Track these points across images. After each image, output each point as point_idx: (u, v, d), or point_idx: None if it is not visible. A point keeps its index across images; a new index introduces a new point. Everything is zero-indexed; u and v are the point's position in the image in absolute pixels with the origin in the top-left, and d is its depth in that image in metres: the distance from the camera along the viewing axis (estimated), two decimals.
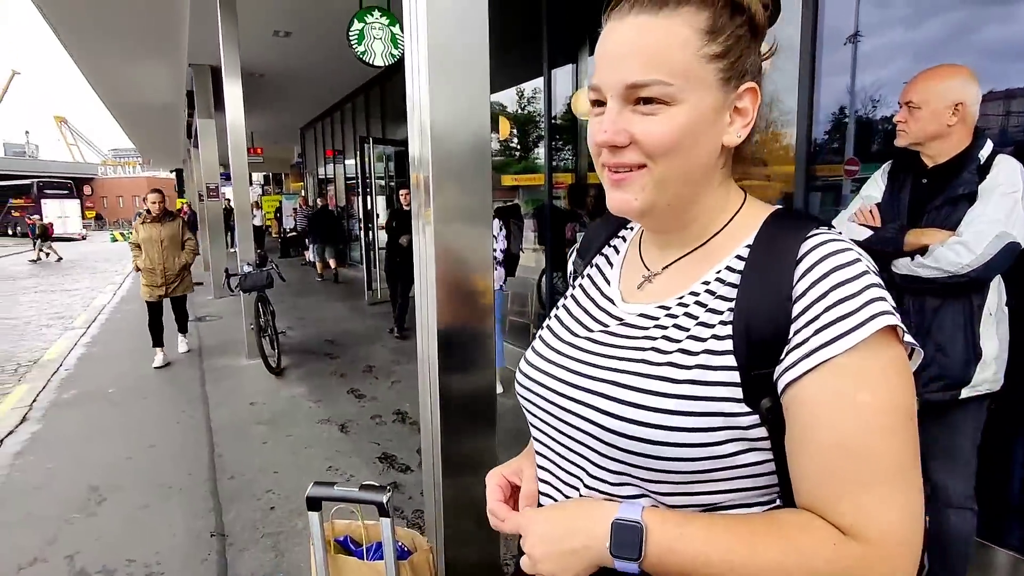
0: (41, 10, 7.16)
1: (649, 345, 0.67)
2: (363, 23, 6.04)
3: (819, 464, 0.58)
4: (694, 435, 0.60)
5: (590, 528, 0.63)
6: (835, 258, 0.60)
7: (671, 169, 0.64)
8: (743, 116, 0.67)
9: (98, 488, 3.40)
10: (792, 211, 0.72)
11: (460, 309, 1.45)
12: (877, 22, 2.87)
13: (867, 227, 1.95)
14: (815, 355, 0.58)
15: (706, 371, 0.62)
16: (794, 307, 0.60)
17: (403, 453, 3.74)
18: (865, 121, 2.97)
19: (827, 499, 0.58)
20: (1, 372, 6.15)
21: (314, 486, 1.09)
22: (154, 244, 5.78)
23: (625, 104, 0.64)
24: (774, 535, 0.58)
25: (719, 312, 0.64)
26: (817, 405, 0.58)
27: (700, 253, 0.71)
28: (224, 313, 8.66)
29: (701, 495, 0.64)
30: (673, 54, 0.62)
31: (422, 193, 1.42)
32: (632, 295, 0.75)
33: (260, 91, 10.93)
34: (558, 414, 0.71)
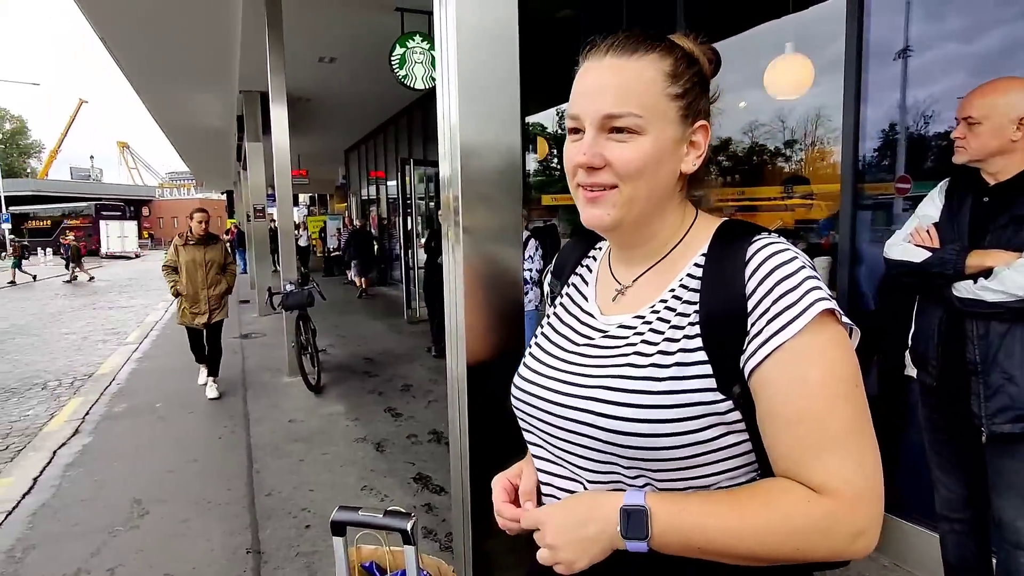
0: (105, 43, 7.60)
1: (631, 351, 0.75)
2: (405, 48, 6.20)
3: (785, 435, 0.68)
4: (680, 424, 0.69)
5: (602, 515, 0.71)
6: (776, 258, 0.70)
7: (638, 189, 0.75)
8: (696, 148, 0.78)
9: (141, 501, 3.48)
10: (737, 222, 0.80)
11: (489, 329, 1.43)
12: (929, 36, 2.77)
13: (924, 248, 1.85)
14: (769, 342, 0.68)
15: (683, 367, 0.71)
16: (748, 303, 0.70)
17: (438, 474, 3.72)
18: (917, 138, 2.86)
19: (796, 464, 0.68)
20: (58, 385, 6.42)
21: (339, 511, 1.07)
22: (198, 268, 5.41)
23: (600, 132, 0.75)
24: (758, 500, 0.68)
25: (687, 315, 0.74)
26: (777, 385, 0.68)
27: (663, 265, 0.81)
28: (268, 331, 8.87)
29: (690, 480, 0.72)
30: (642, 91, 0.73)
31: (452, 213, 1.41)
32: (609, 308, 0.84)
33: (306, 115, 11.29)
34: (555, 421, 0.78)
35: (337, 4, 6.18)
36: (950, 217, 1.87)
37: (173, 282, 5.44)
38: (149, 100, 11.09)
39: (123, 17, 6.74)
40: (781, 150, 3.69)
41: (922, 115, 2.84)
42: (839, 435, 0.66)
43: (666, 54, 0.76)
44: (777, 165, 3.74)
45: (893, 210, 2.94)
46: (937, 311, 1.84)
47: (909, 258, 1.86)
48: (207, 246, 5.49)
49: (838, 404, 0.67)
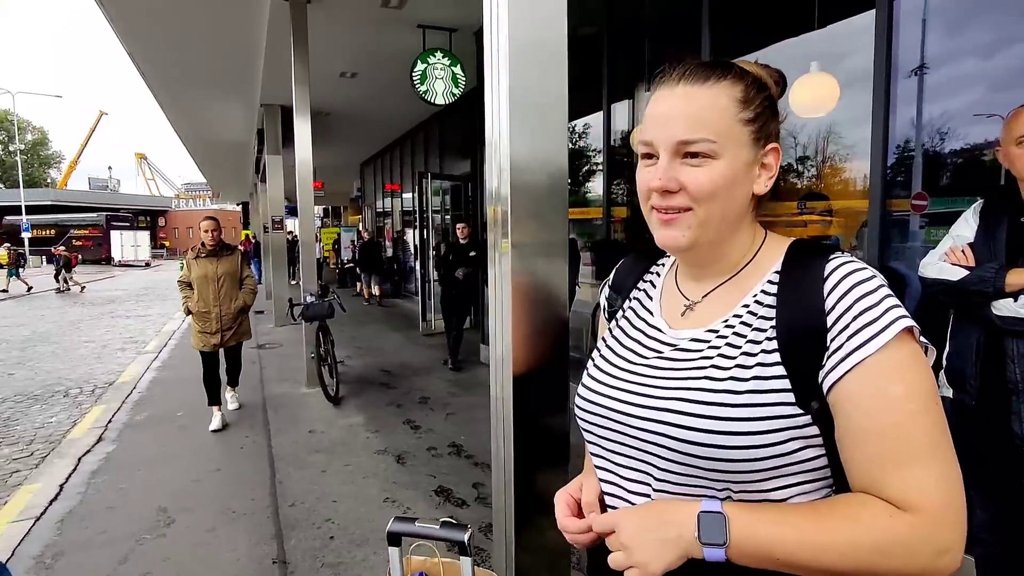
0: (133, 58, 7.76)
1: (708, 364, 0.77)
2: (426, 64, 6.29)
3: (866, 450, 0.69)
4: (759, 437, 0.70)
5: (679, 519, 0.71)
6: (855, 275, 0.72)
7: (712, 211, 0.77)
8: (768, 170, 0.81)
9: (167, 510, 3.51)
10: (808, 240, 0.83)
11: (535, 343, 1.44)
12: (948, 52, 2.78)
13: (961, 267, 1.85)
14: (850, 357, 0.69)
15: (762, 381, 0.72)
16: (828, 319, 0.71)
17: (460, 487, 3.72)
18: (933, 154, 2.86)
19: (877, 479, 0.68)
20: (80, 392, 6.49)
21: (395, 521, 1.09)
22: (209, 283, 4.85)
23: (675, 157, 0.77)
24: (838, 513, 0.68)
25: (763, 330, 0.75)
26: (858, 399, 0.69)
27: (734, 282, 0.83)
28: (284, 341, 8.93)
29: (766, 492, 0.73)
30: (716, 117, 0.76)
31: (499, 227, 1.44)
32: (677, 322, 0.86)
33: (325, 129, 11.44)
34: (629, 431, 0.80)
35: (361, 21, 6.30)
36: (986, 237, 1.87)
37: (186, 299, 4.97)
38: (172, 113, 11.29)
39: (151, 33, 6.90)
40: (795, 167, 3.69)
41: (937, 132, 2.85)
42: (921, 449, 0.67)
43: (737, 80, 0.78)
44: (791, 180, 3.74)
45: (910, 227, 2.94)
46: (974, 330, 1.84)
47: (947, 276, 1.86)
48: (219, 258, 4.95)
49: (919, 418, 0.67)
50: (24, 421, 5.49)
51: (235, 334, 5.06)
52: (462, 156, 9.82)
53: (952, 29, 2.82)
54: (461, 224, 7.24)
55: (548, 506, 1.43)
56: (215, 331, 4.92)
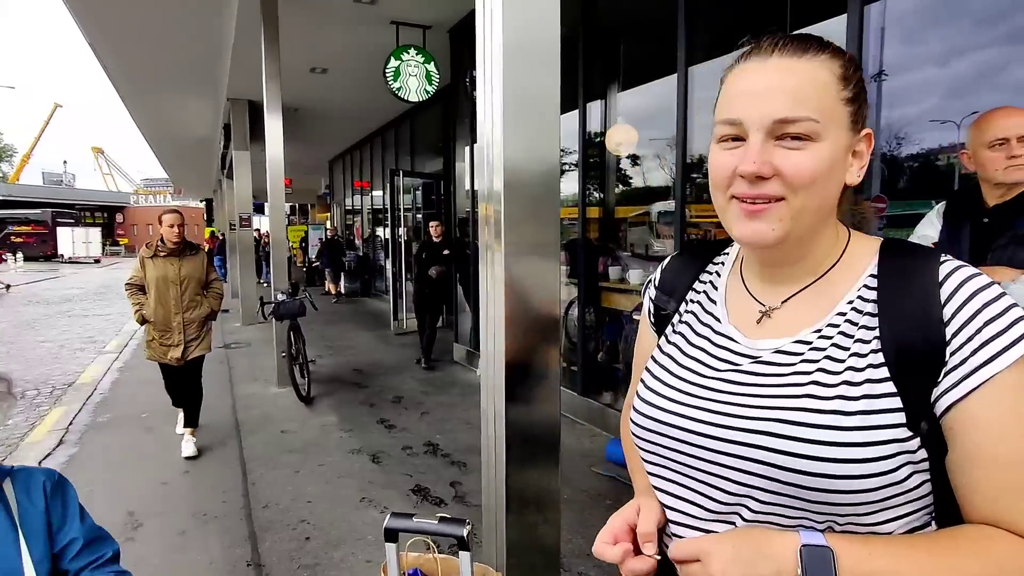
0: (94, 49, 7.51)
1: (807, 380, 0.67)
2: (400, 60, 6.25)
3: (994, 477, 0.61)
4: (874, 465, 0.62)
5: (777, 554, 0.63)
6: (975, 281, 0.64)
7: (809, 201, 0.67)
8: (860, 159, 0.72)
9: (135, 513, 3.41)
10: (903, 241, 0.74)
11: (527, 341, 1.46)
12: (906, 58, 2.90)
13: None
14: (976, 375, 0.61)
15: (872, 400, 0.64)
16: (947, 330, 0.63)
17: (437, 486, 3.71)
18: (891, 159, 2.97)
19: (1006, 511, 0.61)
20: (37, 394, 6.26)
21: (392, 517, 1.09)
22: (170, 286, 4.16)
23: (769, 138, 0.67)
24: (962, 548, 0.61)
25: (867, 341, 0.66)
26: (986, 422, 0.61)
27: (820, 285, 0.73)
28: (252, 341, 8.76)
29: (868, 525, 0.65)
30: (819, 94, 0.66)
31: (492, 225, 1.44)
32: (752, 331, 0.76)
33: (294, 125, 11.21)
34: (706, 455, 0.71)
35: (333, 15, 6.22)
36: (950, 238, 1.96)
37: (138, 305, 4.23)
38: (134, 107, 10.96)
39: (114, 23, 6.69)
40: None
41: (895, 136, 2.96)
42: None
43: (836, 55, 0.69)
44: None
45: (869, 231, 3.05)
46: None
47: None
48: (183, 258, 4.24)
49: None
50: None
51: (200, 345, 4.37)
52: (434, 154, 9.78)
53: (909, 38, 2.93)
54: (435, 223, 7.21)
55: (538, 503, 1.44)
56: (177, 343, 4.22)
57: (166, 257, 4.21)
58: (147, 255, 4.23)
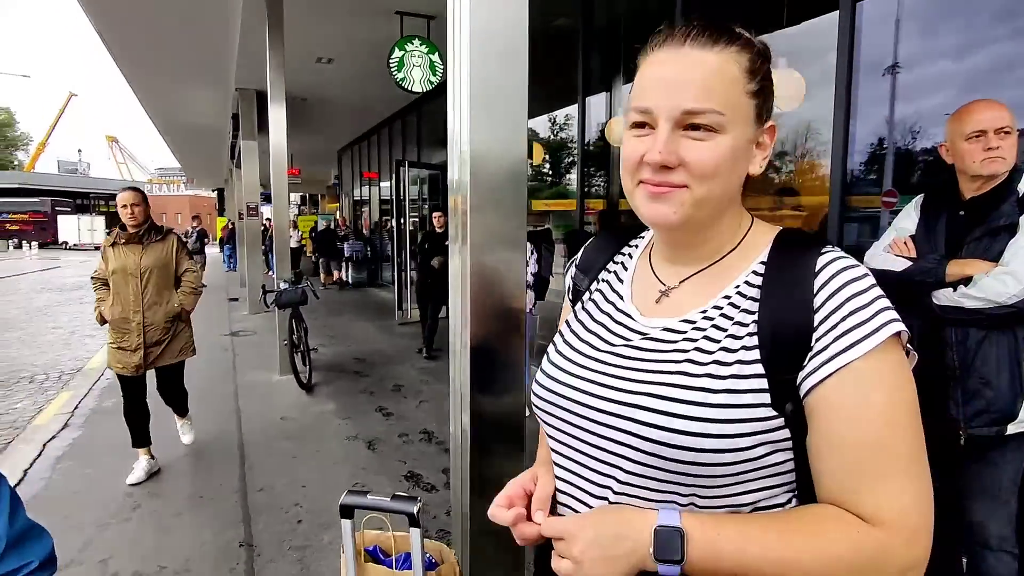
0: (103, 37, 7.58)
1: (683, 357, 0.71)
2: (403, 51, 6.25)
3: (842, 459, 0.65)
4: (733, 440, 0.65)
5: (634, 534, 0.67)
6: (848, 272, 0.67)
7: (711, 190, 0.70)
8: (763, 150, 0.75)
9: (133, 495, 3.49)
10: (797, 231, 0.77)
11: (493, 331, 1.48)
12: (917, 53, 2.87)
13: (905, 258, 1.94)
14: (835, 360, 0.64)
15: (740, 380, 0.67)
16: (815, 317, 0.66)
17: (429, 472, 3.76)
18: (905, 152, 2.95)
19: (848, 491, 0.64)
20: (46, 379, 6.39)
21: (348, 494, 1.13)
22: (129, 279, 3.50)
23: (676, 128, 0.69)
24: (803, 527, 0.64)
25: (744, 324, 0.70)
26: (838, 405, 0.64)
27: (716, 268, 0.76)
28: (258, 329, 8.86)
29: (730, 496, 0.69)
30: (726, 87, 0.69)
31: (459, 216, 1.47)
32: (650, 309, 0.79)
33: (301, 115, 11.29)
34: (587, 426, 0.75)
35: (338, 6, 6.23)
36: (927, 230, 1.97)
37: (99, 301, 3.62)
38: (144, 96, 11.05)
39: (123, 13, 6.75)
40: (774, 162, 3.78)
41: (909, 130, 2.94)
42: (898, 463, 0.63)
43: (746, 48, 0.71)
44: (767, 176, 3.84)
45: (880, 223, 3.04)
46: (914, 320, 1.92)
47: (891, 267, 1.94)
48: (145, 245, 3.57)
49: (900, 431, 0.64)
50: None
51: (167, 351, 3.66)
52: (440, 145, 9.79)
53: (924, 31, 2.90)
54: (438, 213, 7.23)
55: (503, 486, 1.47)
56: (135, 347, 3.51)
57: (126, 244, 3.56)
58: (108, 243, 3.63)
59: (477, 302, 1.46)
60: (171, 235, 3.75)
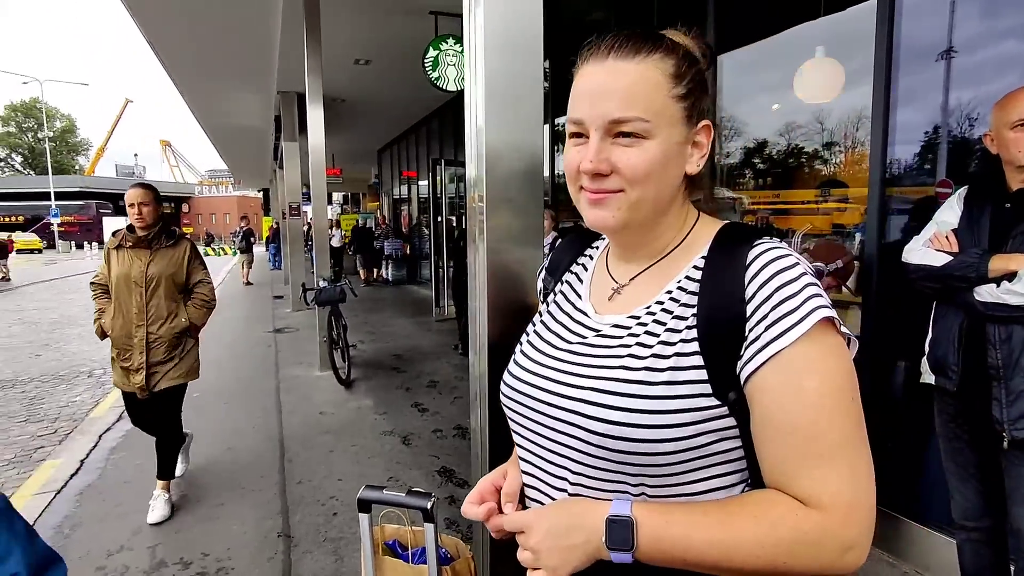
0: (153, 47, 7.90)
1: (625, 352, 0.74)
2: (438, 51, 6.31)
3: (777, 445, 0.67)
4: (672, 431, 0.68)
5: (588, 524, 0.70)
6: (777, 263, 0.69)
7: (646, 193, 0.74)
8: (700, 149, 0.78)
9: (180, 485, 3.64)
10: (739, 224, 0.79)
11: (509, 327, 1.49)
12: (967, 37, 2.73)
13: (945, 252, 1.86)
14: (767, 349, 0.67)
15: (678, 372, 0.70)
16: (747, 308, 0.69)
17: (461, 468, 3.80)
18: (960, 141, 2.82)
19: (786, 475, 0.67)
20: (103, 373, 6.71)
21: (365, 489, 1.15)
22: (133, 288, 3.11)
23: (606, 137, 0.73)
24: (746, 512, 0.67)
25: (684, 318, 0.73)
26: (772, 393, 0.67)
27: (661, 266, 0.80)
28: (300, 326, 9.10)
29: (679, 485, 0.71)
30: (649, 94, 0.72)
31: (476, 214, 1.48)
32: (603, 306, 0.83)
33: (341, 115, 11.53)
34: (543, 420, 0.78)
35: (373, 8, 6.33)
36: (970, 223, 1.88)
37: (98, 312, 3.25)
38: (192, 101, 11.47)
39: (170, 22, 7.01)
40: (819, 152, 3.67)
41: (966, 118, 2.81)
42: (832, 447, 0.65)
43: (668, 54, 0.74)
44: (814, 168, 3.73)
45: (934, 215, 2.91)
46: (957, 316, 1.85)
47: (930, 262, 1.87)
48: (155, 250, 3.16)
49: (833, 415, 0.65)
50: (49, 400, 5.71)
51: (171, 372, 3.23)
52: None
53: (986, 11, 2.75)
54: None
55: None
56: (138, 367, 3.12)
57: (133, 248, 3.14)
58: (112, 245, 3.21)
59: (494, 299, 1.47)
60: (184, 241, 3.32)
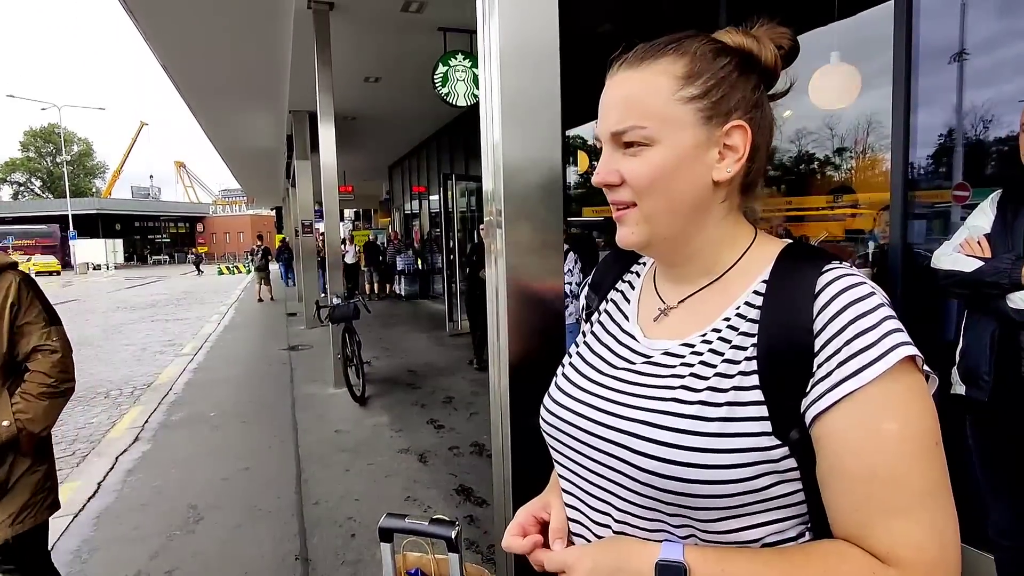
0: (167, 70, 8.01)
1: (678, 383, 0.68)
2: (447, 66, 6.34)
3: (851, 493, 0.60)
4: (729, 471, 0.62)
5: (635, 568, 0.64)
6: (852, 292, 0.62)
7: (657, 203, 0.70)
8: (734, 152, 0.69)
9: (197, 507, 3.62)
10: (804, 245, 0.73)
11: (530, 343, 1.45)
12: (984, 39, 2.68)
13: (976, 258, 1.80)
14: (840, 387, 0.60)
15: (736, 407, 0.63)
16: (816, 341, 0.62)
17: (480, 486, 3.75)
18: (976, 143, 2.76)
19: (861, 527, 0.60)
20: (120, 394, 6.74)
21: (386, 517, 1.11)
22: None
23: (616, 148, 0.71)
24: (812, 566, 0.60)
25: (743, 348, 0.66)
26: (845, 436, 0.60)
27: (715, 288, 0.73)
28: (315, 343, 9.10)
29: (734, 532, 0.65)
30: (646, 100, 0.69)
31: (494, 228, 1.45)
32: (651, 329, 0.78)
33: (352, 133, 11.62)
34: (587, 452, 0.73)
35: (382, 26, 6.38)
36: (1003, 228, 1.82)
37: None
38: (205, 122, 11.62)
39: (183, 46, 7.12)
40: (830, 158, 3.62)
41: (981, 120, 2.75)
42: (913, 497, 0.58)
43: (679, 56, 0.70)
44: (826, 174, 3.67)
45: (951, 219, 2.85)
46: (989, 324, 1.78)
47: (961, 268, 1.80)
48: None
49: (915, 463, 0.59)
50: (68, 422, 5.72)
51: None
52: None
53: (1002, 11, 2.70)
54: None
55: None
56: None
57: None
58: None
59: (514, 315, 1.43)
60: (7, 274, 1.88)
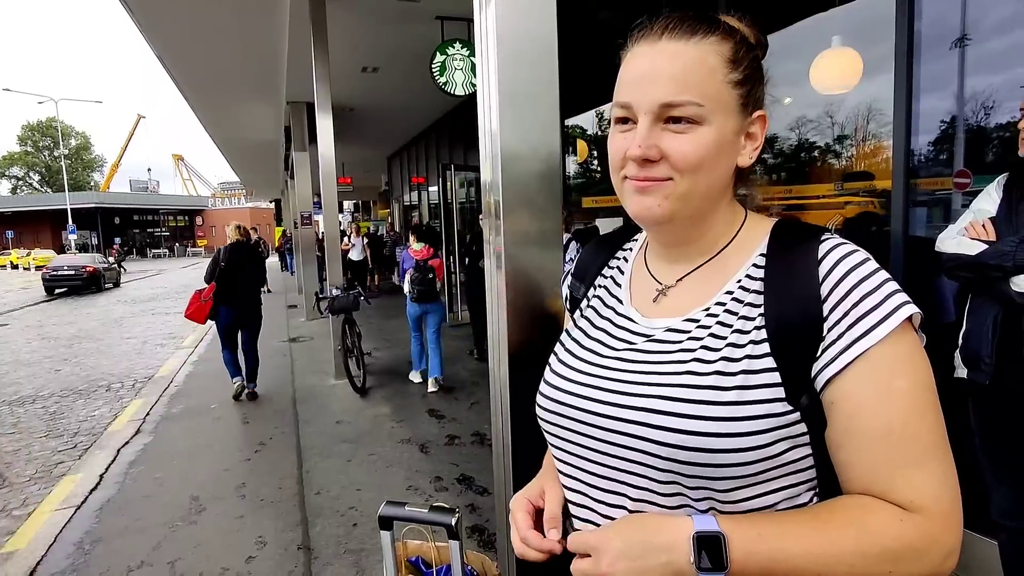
0: (162, 61, 7.96)
1: (689, 357, 0.68)
2: (445, 55, 6.30)
3: (868, 451, 0.63)
4: (748, 439, 0.63)
5: (669, 543, 0.63)
6: (851, 258, 0.65)
7: (696, 184, 0.69)
8: (753, 140, 0.73)
9: (199, 498, 3.63)
10: (793, 221, 0.75)
11: (530, 331, 1.45)
12: (986, 24, 2.66)
13: (981, 241, 1.79)
14: (851, 349, 0.62)
15: (750, 375, 0.65)
16: (824, 307, 0.64)
17: (481, 475, 3.76)
18: (977, 130, 2.74)
19: (882, 481, 0.62)
20: (121, 387, 6.75)
21: (386, 505, 1.11)
22: None
23: (656, 122, 0.68)
24: (842, 521, 0.62)
25: (751, 318, 0.68)
26: (860, 396, 0.62)
27: (713, 264, 0.75)
28: (315, 335, 9.11)
29: (752, 499, 0.66)
30: (704, 78, 0.68)
31: (493, 217, 1.44)
32: (649, 310, 0.78)
33: (350, 124, 11.56)
34: (597, 434, 0.72)
35: (379, 15, 6.33)
36: (1008, 212, 1.81)
37: None
38: (202, 114, 11.56)
39: (179, 37, 7.07)
40: (831, 146, 3.59)
41: (982, 106, 2.73)
42: (926, 449, 0.62)
43: (726, 38, 0.70)
44: (826, 162, 3.65)
45: (952, 206, 2.84)
46: (992, 308, 1.78)
47: (965, 251, 1.80)
48: None
49: (925, 416, 0.62)
50: (69, 415, 5.74)
51: None
52: None
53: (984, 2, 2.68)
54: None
55: None
56: None
57: None
58: None
59: (513, 303, 1.43)
60: None
